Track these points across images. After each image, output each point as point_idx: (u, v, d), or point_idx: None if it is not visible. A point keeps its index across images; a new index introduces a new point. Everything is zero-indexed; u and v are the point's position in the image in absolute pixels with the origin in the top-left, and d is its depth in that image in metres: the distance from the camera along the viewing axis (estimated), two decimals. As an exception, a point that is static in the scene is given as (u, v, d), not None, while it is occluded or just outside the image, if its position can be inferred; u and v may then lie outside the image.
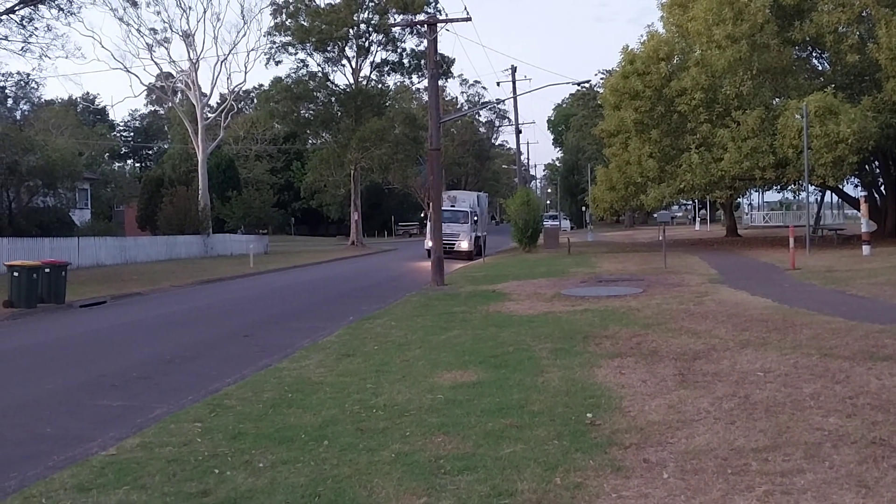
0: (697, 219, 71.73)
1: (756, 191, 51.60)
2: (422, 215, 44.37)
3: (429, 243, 31.41)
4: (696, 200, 63.79)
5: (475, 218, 38.17)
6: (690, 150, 29.33)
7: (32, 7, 25.53)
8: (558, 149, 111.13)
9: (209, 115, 52.14)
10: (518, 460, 5.71)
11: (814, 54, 33.59)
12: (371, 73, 55.50)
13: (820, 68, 33.60)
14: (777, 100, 30.48)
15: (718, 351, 9.58)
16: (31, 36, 26.36)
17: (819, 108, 25.66)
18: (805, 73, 32.34)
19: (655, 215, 40.14)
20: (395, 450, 6.09)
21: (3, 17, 25.00)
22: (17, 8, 25.13)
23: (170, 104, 58.76)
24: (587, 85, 56.68)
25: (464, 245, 36.51)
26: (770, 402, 7.06)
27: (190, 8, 62.27)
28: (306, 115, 54.92)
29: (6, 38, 26.10)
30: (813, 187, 32.52)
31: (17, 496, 5.37)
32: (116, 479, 5.61)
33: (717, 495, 4.93)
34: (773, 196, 61.39)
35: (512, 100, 51.66)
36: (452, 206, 37.56)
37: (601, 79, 55.98)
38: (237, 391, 8.52)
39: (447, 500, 5.01)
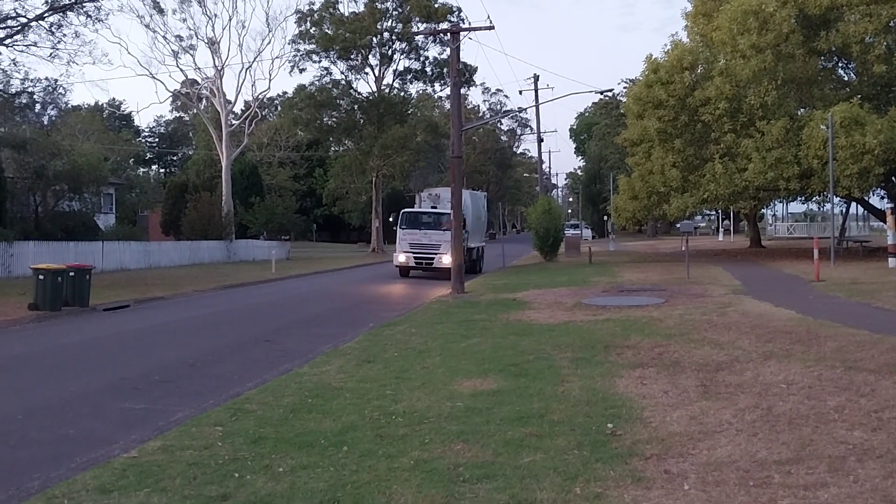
0: (721, 229, 71.15)
1: (780, 201, 51.15)
2: (390, 219, 37.80)
3: (400, 258, 29.48)
4: (720, 211, 63.34)
5: (464, 226, 30.30)
6: (714, 159, 29.13)
7: (61, 14, 25.87)
8: (580, 158, 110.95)
9: (233, 121, 52.57)
10: (538, 469, 5.69)
11: (840, 64, 33.22)
12: (394, 80, 55.72)
13: (846, 79, 33.25)
14: (802, 110, 30.21)
15: (741, 362, 9.49)
16: (59, 42, 26.66)
17: (845, 119, 25.41)
18: (831, 84, 32.04)
19: (678, 225, 39.81)
20: (415, 457, 6.09)
21: (33, 23, 25.37)
22: (46, 15, 25.49)
23: (195, 111, 59.29)
24: (610, 94, 56.67)
25: (447, 259, 26.34)
26: (793, 414, 6.98)
27: (215, 15, 63.19)
28: (329, 122, 55.23)
29: (35, 44, 26.43)
30: (838, 199, 32.17)
31: (41, 497, 5.42)
32: (138, 482, 5.65)
33: (738, 508, 4.88)
34: (797, 207, 60.92)
35: (534, 108, 51.68)
36: (434, 207, 31.43)
37: (624, 88, 55.93)
38: (258, 395, 8.56)
39: (466, 508, 4.99)
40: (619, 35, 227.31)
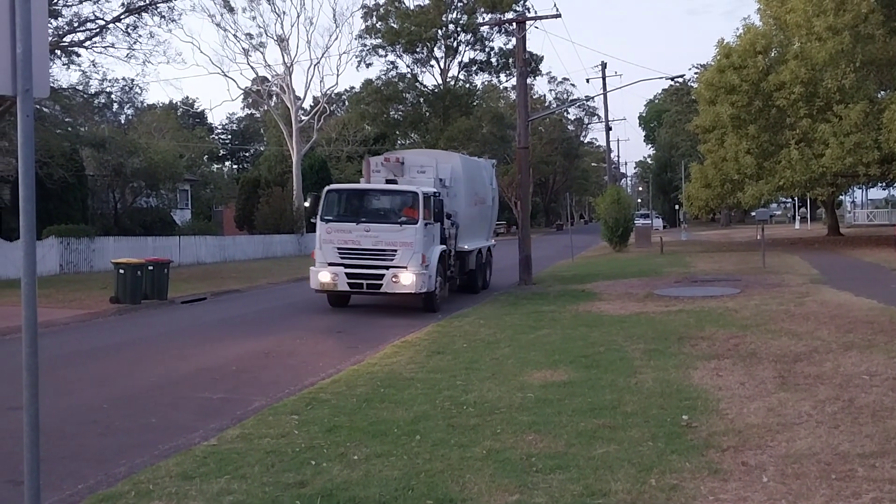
0: (797, 217, 69.12)
1: (859, 188, 49.48)
2: (306, 204, 22.50)
3: (322, 276, 15.79)
4: (796, 198, 61.49)
5: (447, 213, 17.56)
6: (790, 145, 28.34)
7: (136, 15, 26.67)
8: (650, 146, 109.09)
9: (303, 117, 53.39)
10: (611, 461, 5.65)
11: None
12: (459, 72, 55.84)
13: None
14: (882, 93, 29.15)
15: (821, 353, 9.24)
16: (135, 43, 27.50)
17: (929, 101, 24.42)
18: (914, 65, 30.79)
19: (753, 213, 38.86)
20: (487, 446, 6.11)
21: (110, 25, 26.21)
22: (122, 16, 26.31)
23: (265, 107, 60.43)
24: (681, 80, 55.36)
25: (408, 276, 15.47)
26: (877, 406, 6.77)
27: (284, 13, 63.95)
28: (395, 116, 55.68)
29: (112, 45, 27.33)
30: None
31: (127, 482, 5.63)
32: (218, 469, 5.82)
33: (820, 501, 4.76)
34: (878, 193, 58.75)
35: (602, 96, 51.04)
36: (394, 180, 17.62)
37: (695, 73, 54.75)
38: (332, 385, 8.71)
39: (540, 498, 4.99)
40: (688, 19, 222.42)
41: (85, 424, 7.54)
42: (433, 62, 54.70)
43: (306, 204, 17.93)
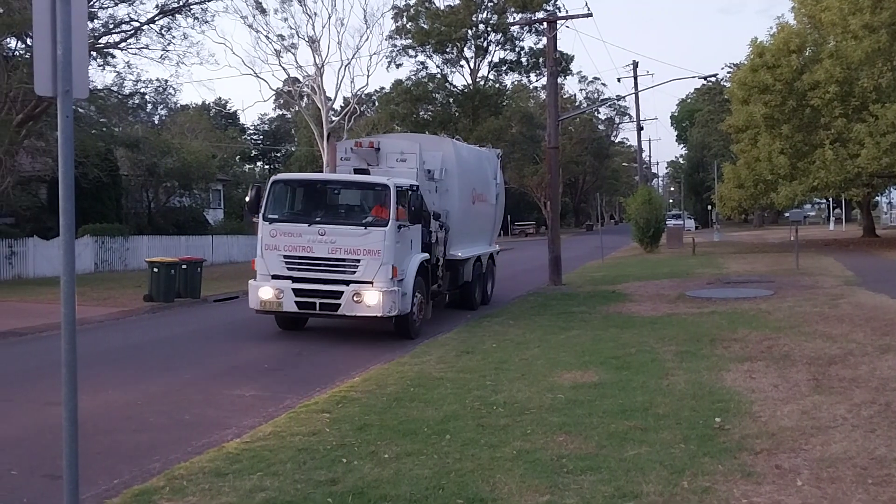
0: (832, 218, 68.09)
1: (896, 188, 48.53)
2: (247, 198, 13.62)
3: (263, 292, 12.43)
4: (831, 199, 60.57)
5: (435, 213, 14.57)
6: (824, 145, 27.92)
7: (170, 17, 27.01)
8: (682, 145, 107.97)
9: (333, 118, 53.66)
10: (643, 462, 5.62)
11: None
12: (489, 72, 55.78)
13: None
14: (921, 92, 28.56)
15: (856, 356, 9.11)
16: (168, 44, 27.93)
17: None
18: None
19: (787, 214, 38.29)
20: (517, 447, 6.11)
21: (144, 27, 26.58)
22: (156, 18, 26.68)
23: (296, 108, 60.79)
24: (713, 79, 54.82)
25: (373, 295, 12.00)
26: (915, 411, 6.65)
27: (315, 14, 64.10)
28: (425, 116, 55.73)
29: (147, 46, 27.76)
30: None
31: (162, 477, 5.71)
32: (250, 466, 5.88)
33: (856, 506, 4.70)
34: (915, 194, 57.59)
35: (633, 96, 50.71)
36: (367, 169, 14.62)
37: (728, 72, 54.15)
38: (362, 384, 8.76)
39: (571, 500, 4.98)
40: (721, 18, 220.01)
41: (119, 421, 7.66)
42: (463, 62, 54.74)
43: (247, 198, 13.35)
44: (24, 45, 24.04)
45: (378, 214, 12.34)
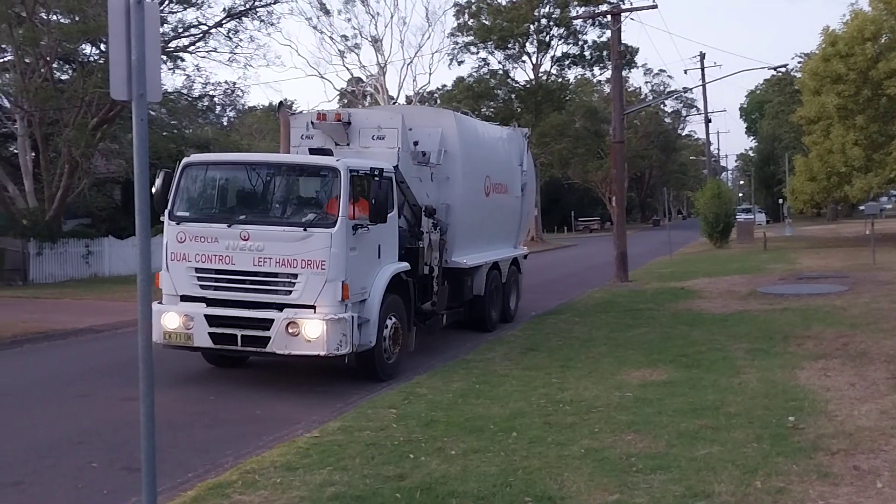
0: (910, 211, 65.64)
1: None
2: (153, 189, 7.86)
3: (168, 320, 8.76)
4: (909, 191, 58.34)
5: (428, 208, 11.11)
6: (902, 136, 26.93)
7: (237, 20, 27.53)
8: (752, 138, 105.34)
9: (396, 116, 54.06)
10: (714, 462, 5.51)
11: None
12: (551, 67, 55.25)
13: None
14: None
15: (939, 354, 8.76)
16: (236, 47, 28.43)
17: None
18: None
19: (861, 207, 36.95)
20: (585, 445, 6.06)
21: (213, 30, 27.17)
22: (224, 21, 27.23)
23: (360, 107, 61.42)
24: (783, 69, 53.25)
25: (314, 326, 8.34)
26: None
27: (378, 14, 64.67)
28: (487, 112, 55.55)
29: (215, 49, 28.39)
30: None
31: (234, 471, 5.84)
32: (320, 460, 5.96)
33: (942, 510, 4.52)
34: None
35: (700, 88, 49.72)
36: (325, 149, 10.27)
37: (799, 62, 52.61)
38: (428, 380, 8.80)
39: (640, 499, 4.92)
40: (790, 6, 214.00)
41: (193, 416, 7.85)
42: (525, 58, 54.30)
43: (153, 189, 8.30)
44: (98, 51, 24.83)
45: (328, 210, 8.78)
